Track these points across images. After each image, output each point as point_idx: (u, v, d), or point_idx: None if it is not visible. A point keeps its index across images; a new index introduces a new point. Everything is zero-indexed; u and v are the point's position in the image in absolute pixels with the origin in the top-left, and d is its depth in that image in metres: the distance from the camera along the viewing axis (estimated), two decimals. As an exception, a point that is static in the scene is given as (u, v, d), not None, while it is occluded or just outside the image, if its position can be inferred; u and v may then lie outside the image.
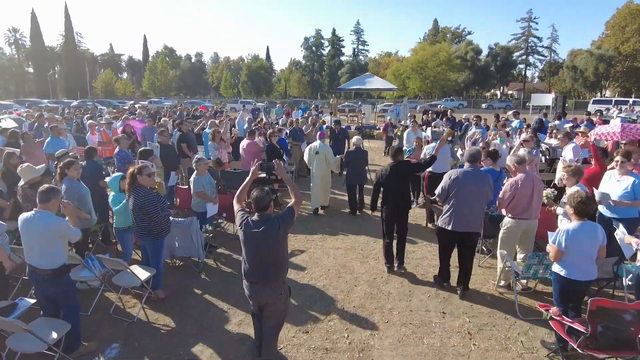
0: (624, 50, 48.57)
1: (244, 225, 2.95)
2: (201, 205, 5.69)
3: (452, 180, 4.18)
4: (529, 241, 4.46)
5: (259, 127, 10.57)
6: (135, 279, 4.09)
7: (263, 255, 2.93)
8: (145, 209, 4.06)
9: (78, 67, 64.36)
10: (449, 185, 4.20)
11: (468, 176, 4.16)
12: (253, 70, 68.38)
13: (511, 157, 4.33)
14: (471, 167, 4.22)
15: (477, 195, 4.14)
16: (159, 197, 4.20)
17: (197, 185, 5.63)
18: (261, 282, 2.96)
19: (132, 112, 19.63)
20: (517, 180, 4.21)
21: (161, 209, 4.14)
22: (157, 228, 4.18)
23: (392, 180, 4.78)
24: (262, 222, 2.92)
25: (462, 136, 10.69)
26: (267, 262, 2.95)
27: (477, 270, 5.10)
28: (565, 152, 6.41)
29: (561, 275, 3.35)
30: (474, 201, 4.13)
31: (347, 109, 24.44)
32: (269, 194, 3.00)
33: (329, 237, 6.22)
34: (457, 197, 4.13)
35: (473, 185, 4.13)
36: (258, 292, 2.98)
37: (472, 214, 4.14)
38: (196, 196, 5.66)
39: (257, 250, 2.93)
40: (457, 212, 4.13)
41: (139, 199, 4.07)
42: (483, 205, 4.26)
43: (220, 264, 5.44)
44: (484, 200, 4.21)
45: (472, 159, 4.27)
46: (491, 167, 5.28)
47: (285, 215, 2.99)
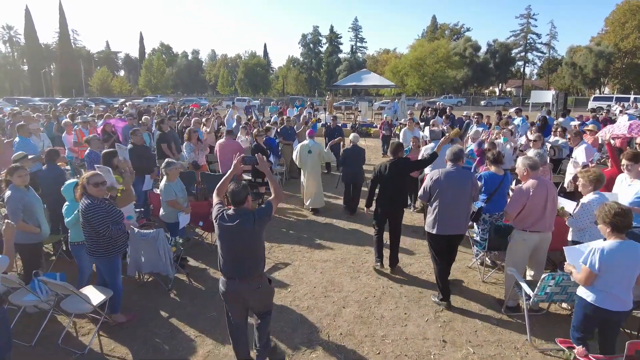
0: (624, 47, 48.10)
1: (219, 219, 2.91)
2: (172, 215, 5.10)
3: (434, 181, 3.98)
4: (541, 257, 3.90)
5: (247, 125, 9.98)
6: (85, 305, 3.52)
7: (238, 250, 2.88)
8: (91, 222, 3.47)
9: (73, 64, 63.85)
10: (430, 187, 4.01)
11: (451, 176, 3.95)
12: (250, 67, 67.82)
13: (524, 160, 3.75)
14: (454, 167, 4.03)
15: (461, 195, 3.94)
16: (109, 209, 3.60)
17: (168, 193, 5.03)
18: (237, 278, 2.91)
19: (120, 110, 19.03)
20: (528, 187, 3.64)
21: (112, 223, 3.55)
22: (107, 245, 3.60)
23: (390, 176, 4.63)
24: (238, 216, 2.87)
25: (462, 135, 10.13)
26: (242, 256, 2.90)
27: (481, 286, 4.54)
28: (577, 153, 5.84)
29: (587, 302, 2.80)
30: (458, 202, 3.94)
31: (344, 107, 23.80)
32: (245, 188, 2.92)
33: (317, 248, 5.64)
34: (440, 199, 3.94)
35: (456, 186, 3.94)
36: (235, 289, 2.92)
37: (457, 215, 3.95)
38: (167, 205, 5.07)
39: (231, 244, 2.89)
40: (441, 214, 3.95)
41: (85, 211, 3.47)
42: (468, 206, 4.06)
43: (194, 279, 4.86)
44: (468, 200, 4.02)
45: (455, 158, 4.04)
46: (494, 170, 4.70)
47: (261, 210, 2.94)
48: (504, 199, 4.75)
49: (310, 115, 12.69)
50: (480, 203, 4.71)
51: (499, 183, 4.61)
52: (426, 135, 7.26)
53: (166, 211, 5.13)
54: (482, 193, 4.71)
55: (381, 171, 4.71)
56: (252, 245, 2.90)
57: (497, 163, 4.67)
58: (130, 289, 4.58)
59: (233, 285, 2.92)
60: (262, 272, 3.00)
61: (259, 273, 2.96)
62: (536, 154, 4.70)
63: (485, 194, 4.67)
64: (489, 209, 4.67)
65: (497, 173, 4.67)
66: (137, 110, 18.91)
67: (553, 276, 3.30)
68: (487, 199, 4.65)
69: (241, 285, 2.90)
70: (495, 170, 4.68)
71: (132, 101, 34.55)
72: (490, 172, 4.71)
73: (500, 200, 4.69)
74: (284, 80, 72.97)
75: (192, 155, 7.34)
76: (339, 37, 76.43)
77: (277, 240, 5.89)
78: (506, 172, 4.72)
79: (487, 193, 4.66)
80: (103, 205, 3.55)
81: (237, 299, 2.98)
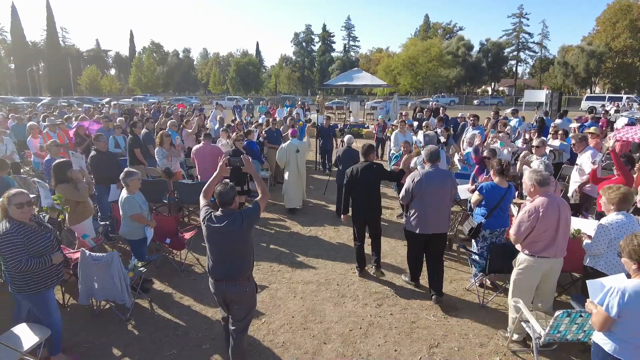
0: (615, 47, 48.23)
1: (207, 220, 2.90)
2: (138, 231, 4.51)
3: (416, 182, 4.01)
4: (551, 285, 3.40)
5: (230, 128, 9.37)
6: (11, 353, 2.92)
7: (226, 251, 2.88)
8: (3, 254, 2.86)
9: (62, 63, 62.56)
10: (412, 188, 4.04)
11: (430, 177, 4.02)
12: (241, 66, 66.93)
13: (531, 174, 3.23)
14: (432, 167, 4.09)
15: (441, 195, 4.03)
16: (32, 237, 2.94)
17: (132, 206, 4.44)
18: (225, 280, 2.90)
19: (101, 110, 18.25)
20: (537, 206, 3.13)
21: (34, 255, 2.92)
22: (29, 280, 2.98)
23: (363, 181, 4.50)
24: (225, 217, 2.86)
25: (457, 137, 9.65)
26: (230, 258, 2.90)
27: (481, 312, 4.03)
28: (583, 160, 5.36)
29: (605, 351, 2.31)
30: (439, 201, 4.03)
31: (335, 106, 23.23)
32: (232, 189, 2.92)
33: (298, 267, 5.08)
34: (421, 199, 4.02)
35: (436, 186, 4.00)
36: (223, 290, 2.93)
37: (438, 214, 4.05)
38: (131, 220, 4.47)
39: (220, 246, 2.88)
40: (423, 215, 4.03)
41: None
42: (448, 205, 4.15)
43: (158, 306, 4.28)
44: (448, 199, 4.10)
45: (433, 158, 4.11)
46: (497, 182, 4.20)
47: (249, 211, 2.94)
48: (507, 213, 4.26)
49: (299, 116, 12.09)
50: (481, 218, 4.20)
51: (502, 196, 4.11)
52: (420, 140, 6.71)
53: (130, 227, 4.53)
54: (482, 207, 4.20)
55: (353, 175, 4.52)
56: (241, 246, 2.89)
57: (503, 174, 4.15)
58: (81, 320, 3.99)
59: (221, 287, 2.93)
60: (250, 273, 3.00)
61: (248, 274, 2.96)
62: (541, 163, 4.19)
63: (486, 208, 4.16)
64: (489, 224, 4.17)
65: (500, 185, 4.16)
66: (120, 110, 18.21)
67: (569, 314, 2.79)
68: (488, 214, 4.14)
69: (229, 287, 2.90)
70: (499, 181, 4.17)
71: (118, 101, 33.66)
72: (492, 183, 4.20)
73: (503, 214, 4.20)
74: (277, 79, 72.19)
75: (165, 161, 6.73)
76: (332, 36, 75.89)
77: (256, 258, 5.28)
78: (510, 184, 4.21)
79: (488, 207, 4.15)
80: (23, 233, 2.91)
81: (225, 300, 3.00)
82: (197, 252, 5.55)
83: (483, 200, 4.18)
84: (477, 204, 4.28)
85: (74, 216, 4.78)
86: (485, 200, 4.16)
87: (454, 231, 5.05)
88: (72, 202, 4.74)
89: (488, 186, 4.18)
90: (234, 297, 2.92)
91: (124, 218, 4.53)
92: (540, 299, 3.43)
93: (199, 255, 5.41)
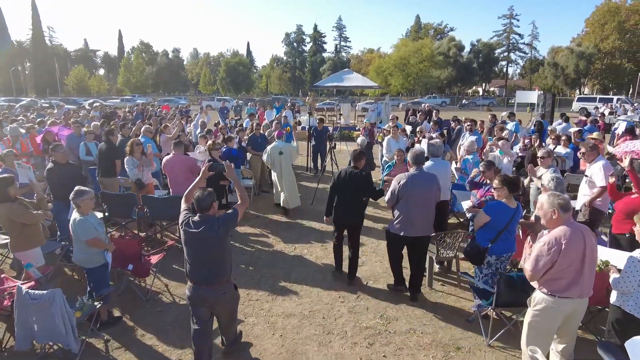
0: (604, 48, 48.61)
1: (185, 225, 2.95)
2: (96, 257, 3.89)
3: (402, 185, 4.01)
4: (573, 327, 2.88)
5: (211, 133, 8.74)
6: None
7: (203, 256, 2.93)
8: None
9: (48, 62, 61.06)
10: (398, 191, 4.04)
11: (416, 179, 4.03)
12: (231, 66, 66.05)
13: (552, 199, 2.67)
14: (417, 170, 4.09)
15: (426, 198, 4.05)
16: None
17: (87, 230, 3.81)
18: (204, 283, 2.96)
19: (79, 113, 17.40)
20: (558, 237, 2.61)
21: None
22: None
23: (350, 187, 4.43)
24: (203, 222, 2.91)
25: (453, 142, 9.17)
26: (207, 263, 2.94)
27: (488, 353, 3.50)
28: (593, 172, 4.88)
29: None
30: (425, 204, 4.05)
31: (326, 108, 22.67)
32: (210, 195, 2.96)
33: (280, 294, 4.50)
34: (406, 202, 4.02)
35: (421, 188, 4.01)
36: (202, 294, 2.98)
37: (423, 217, 4.06)
38: (87, 246, 3.85)
39: (197, 250, 2.93)
40: (408, 217, 4.04)
41: None
42: (433, 207, 4.13)
43: (115, 347, 3.68)
44: (433, 201, 4.11)
45: (417, 161, 4.10)
46: (505, 201, 3.67)
47: (226, 217, 2.98)
48: (513, 236, 3.76)
49: (287, 119, 11.50)
50: (486, 242, 3.68)
51: (511, 217, 3.60)
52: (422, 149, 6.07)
53: (86, 254, 3.89)
54: (488, 229, 3.69)
55: (340, 178, 4.47)
56: (217, 251, 2.93)
57: (513, 190, 3.64)
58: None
59: (199, 291, 2.96)
60: (228, 277, 3.04)
61: (225, 278, 3.00)
62: (553, 178, 3.68)
63: (492, 232, 3.65)
64: (496, 249, 3.66)
65: (508, 204, 3.64)
66: (102, 113, 17.38)
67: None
68: (495, 238, 3.63)
69: (207, 291, 2.95)
70: (507, 200, 3.65)
71: (105, 101, 32.67)
72: (500, 202, 3.68)
73: (510, 238, 3.70)
74: (268, 80, 71.42)
75: (136, 172, 6.08)
76: (323, 36, 75.46)
77: (233, 282, 4.74)
78: (518, 203, 3.69)
79: (495, 230, 3.64)
80: None
81: (204, 303, 3.02)
82: (168, 275, 4.95)
83: (490, 221, 3.67)
84: (482, 225, 3.77)
85: (19, 241, 4.14)
86: (492, 222, 3.64)
87: (454, 253, 4.53)
88: (17, 224, 4.10)
89: (495, 206, 3.66)
90: (212, 301, 2.99)
91: (77, 243, 3.89)
92: (559, 343, 2.91)
93: (169, 280, 4.81)
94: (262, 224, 6.75)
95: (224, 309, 3.11)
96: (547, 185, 3.72)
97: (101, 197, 5.77)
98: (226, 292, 3.00)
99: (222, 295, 2.98)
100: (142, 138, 7.35)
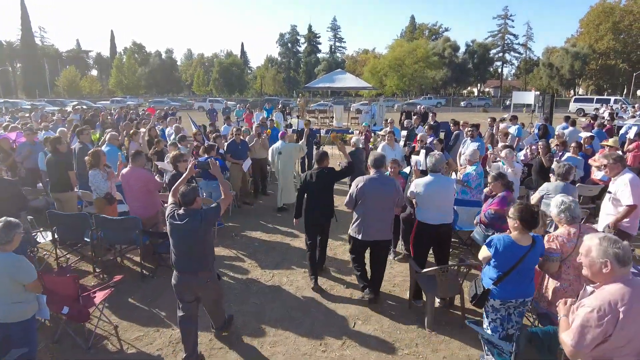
0: (599, 48, 48.40)
1: (170, 217, 3.18)
2: (28, 306, 3.03)
3: (359, 189, 4.02)
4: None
5: (185, 140, 7.92)
6: None
7: (187, 246, 3.15)
8: None
9: (38, 63, 59.94)
10: (356, 195, 4.05)
11: (373, 182, 4.02)
12: (225, 67, 65.14)
13: (601, 244, 1.91)
14: (377, 173, 4.07)
15: (383, 201, 4.02)
16: None
17: (27, 270, 2.96)
18: (187, 272, 3.18)
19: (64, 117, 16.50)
20: (613, 302, 1.87)
21: None
22: None
23: (317, 187, 4.53)
24: (187, 215, 3.13)
25: (451, 148, 8.44)
26: (190, 252, 3.16)
27: None
28: (618, 187, 4.16)
29: None
30: (381, 208, 4.02)
31: (317, 110, 21.89)
32: (194, 190, 3.18)
33: (248, 341, 3.73)
34: (364, 206, 4.02)
35: (378, 192, 4.00)
36: (186, 281, 3.21)
37: (380, 221, 4.04)
38: (22, 293, 3.00)
39: (181, 241, 3.16)
40: (365, 221, 4.04)
41: None
42: (391, 212, 4.13)
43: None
44: (391, 206, 4.08)
45: (377, 164, 4.08)
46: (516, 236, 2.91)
47: (209, 210, 3.22)
48: (529, 279, 2.97)
49: (273, 123, 10.72)
50: (489, 282, 2.94)
51: (520, 258, 2.83)
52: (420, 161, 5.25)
53: (14, 305, 2.98)
54: (492, 267, 2.95)
55: (307, 180, 4.55)
56: (199, 243, 3.16)
57: (530, 228, 2.88)
58: None
59: (184, 278, 3.20)
60: (211, 267, 3.27)
61: (208, 268, 3.23)
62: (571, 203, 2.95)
63: (497, 271, 2.90)
64: (501, 293, 2.90)
65: (518, 242, 2.87)
66: (82, 115, 16.48)
67: None
68: (498, 280, 2.88)
69: (191, 279, 3.19)
70: (519, 235, 2.90)
71: (86, 103, 31.65)
72: (508, 238, 2.90)
73: (522, 280, 2.91)
74: (262, 81, 70.59)
75: (105, 185, 5.21)
76: (318, 37, 74.88)
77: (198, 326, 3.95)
78: (535, 239, 2.92)
79: (500, 269, 2.88)
80: None
81: (188, 290, 3.26)
82: (120, 312, 4.17)
83: (492, 260, 2.93)
84: (485, 261, 3.04)
85: None
86: (497, 261, 2.90)
87: (456, 290, 3.81)
88: None
89: (501, 242, 2.89)
90: (196, 289, 3.23)
91: (6, 295, 3.01)
92: None
93: (120, 320, 4.03)
94: (240, 244, 5.98)
95: (207, 295, 3.34)
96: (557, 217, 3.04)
97: (49, 217, 4.97)
98: (209, 282, 3.22)
99: (206, 284, 3.21)
100: (107, 146, 6.55)
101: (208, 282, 3.21)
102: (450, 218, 4.18)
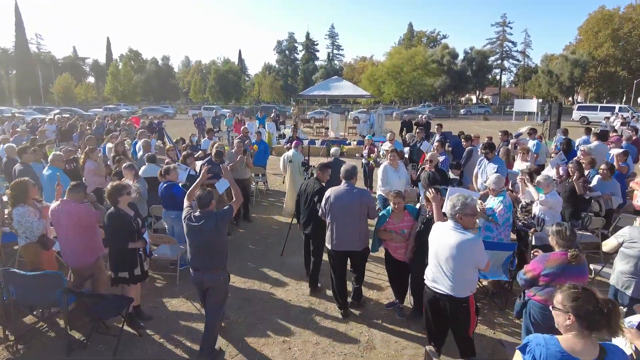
0: (598, 55, 47.89)
1: (187, 219, 3.45)
2: None
3: (326, 199, 4.09)
4: None
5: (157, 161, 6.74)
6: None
7: (202, 246, 3.40)
8: None
9: (32, 70, 59.13)
10: (324, 205, 4.12)
11: (339, 192, 4.05)
12: (221, 74, 64.28)
13: None
14: (346, 184, 4.08)
15: (348, 212, 3.99)
16: None
17: None
18: (202, 270, 3.42)
19: (35, 125, 15.35)
20: None
21: None
22: None
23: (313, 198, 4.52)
24: (202, 217, 3.39)
25: (463, 166, 7.30)
26: (205, 251, 3.40)
27: None
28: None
29: None
30: (347, 218, 4.00)
31: (313, 119, 20.81)
32: (210, 194, 3.45)
33: None
34: (332, 216, 4.05)
35: (343, 202, 4.00)
36: (201, 278, 3.44)
37: (346, 233, 4.01)
38: None
39: (197, 241, 3.40)
40: (334, 231, 4.06)
41: None
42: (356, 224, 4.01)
43: None
44: (356, 216, 4.00)
45: (348, 176, 4.09)
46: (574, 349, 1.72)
47: (222, 213, 3.46)
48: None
49: (261, 135, 9.65)
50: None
51: None
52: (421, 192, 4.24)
53: None
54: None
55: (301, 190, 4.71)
56: (214, 242, 3.40)
57: (595, 328, 1.72)
58: None
59: (199, 276, 3.44)
60: (224, 265, 3.53)
61: (222, 266, 3.49)
62: None
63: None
64: None
65: (573, 354, 1.67)
66: (58, 125, 15.35)
67: None
68: None
69: (205, 276, 3.42)
70: (575, 344, 1.70)
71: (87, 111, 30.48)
72: (556, 346, 1.73)
73: None
74: (260, 88, 69.74)
75: (39, 225, 4.03)
76: (315, 44, 74.34)
77: None
78: (606, 351, 1.74)
79: None
80: None
81: (200, 287, 3.52)
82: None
83: None
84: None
85: None
86: None
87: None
88: None
89: (543, 353, 1.75)
90: (209, 284, 3.45)
91: None
92: None
93: None
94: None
95: (213, 294, 3.46)
96: None
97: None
98: (221, 279, 3.47)
99: (218, 281, 3.43)
100: (49, 169, 5.41)
101: (220, 279, 3.42)
102: (474, 286, 2.98)
